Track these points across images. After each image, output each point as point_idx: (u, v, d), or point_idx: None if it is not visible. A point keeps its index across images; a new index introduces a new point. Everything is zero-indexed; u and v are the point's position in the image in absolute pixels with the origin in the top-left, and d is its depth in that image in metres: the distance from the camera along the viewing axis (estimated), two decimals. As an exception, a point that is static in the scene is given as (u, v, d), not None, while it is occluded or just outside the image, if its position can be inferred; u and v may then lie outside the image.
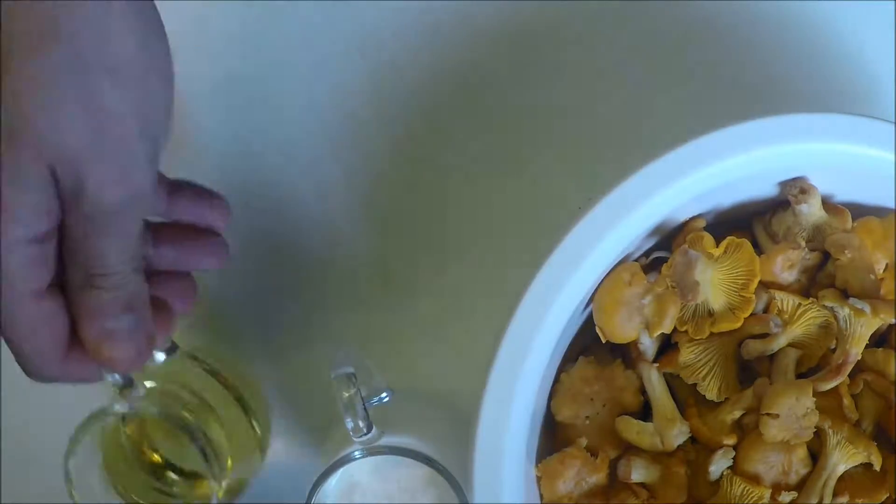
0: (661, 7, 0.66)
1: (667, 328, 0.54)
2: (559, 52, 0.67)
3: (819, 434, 0.54)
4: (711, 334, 0.55)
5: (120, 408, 0.53)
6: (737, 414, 0.55)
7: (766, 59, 0.66)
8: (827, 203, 0.57)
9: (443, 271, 0.66)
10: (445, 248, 0.66)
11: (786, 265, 0.56)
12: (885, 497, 0.54)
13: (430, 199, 0.66)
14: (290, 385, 0.66)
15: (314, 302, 0.65)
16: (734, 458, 0.55)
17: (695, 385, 0.56)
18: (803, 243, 0.56)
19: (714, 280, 0.54)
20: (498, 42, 0.65)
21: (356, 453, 0.53)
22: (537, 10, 0.65)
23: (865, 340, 0.55)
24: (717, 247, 0.55)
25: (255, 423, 0.61)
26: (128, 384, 0.54)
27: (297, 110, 0.66)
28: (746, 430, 0.55)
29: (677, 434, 0.55)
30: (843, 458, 0.54)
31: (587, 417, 0.57)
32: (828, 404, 0.55)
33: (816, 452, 0.55)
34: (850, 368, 0.55)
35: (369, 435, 0.53)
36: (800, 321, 0.55)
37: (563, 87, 0.67)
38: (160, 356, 0.56)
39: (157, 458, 0.60)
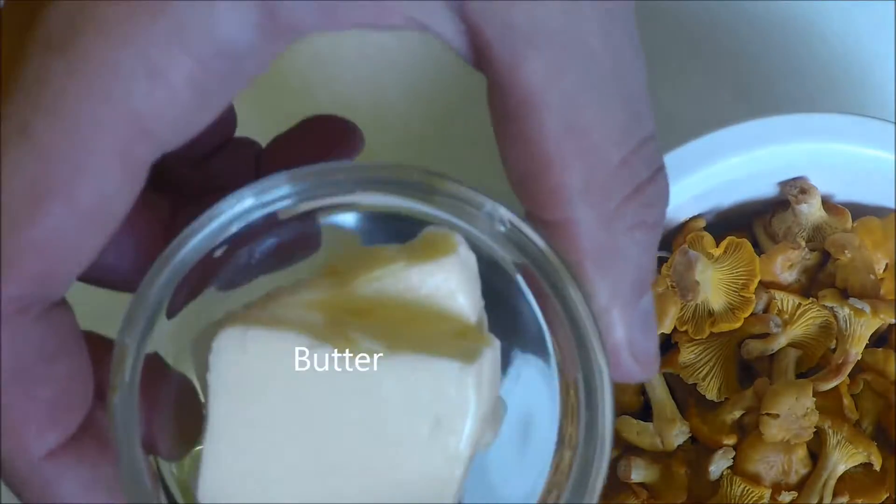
0: (662, 7, 0.66)
1: (667, 328, 0.54)
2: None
3: (819, 434, 0.54)
4: (711, 334, 0.55)
5: None
6: (737, 414, 0.55)
7: (766, 58, 0.66)
8: (827, 203, 0.57)
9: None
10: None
11: (786, 265, 0.56)
12: (885, 497, 0.54)
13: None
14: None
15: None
16: (734, 458, 0.55)
17: (695, 385, 0.56)
18: (803, 243, 0.56)
19: (714, 280, 0.54)
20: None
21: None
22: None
23: (865, 340, 0.55)
24: (717, 247, 0.55)
25: None
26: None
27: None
28: (746, 430, 0.55)
29: (677, 434, 0.55)
30: (843, 458, 0.54)
31: (587, 417, 0.57)
32: (828, 404, 0.55)
33: (816, 452, 0.55)
34: (850, 368, 0.55)
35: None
36: (800, 321, 0.55)
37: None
38: None
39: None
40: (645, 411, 0.57)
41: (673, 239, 0.57)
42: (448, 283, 0.30)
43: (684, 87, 0.65)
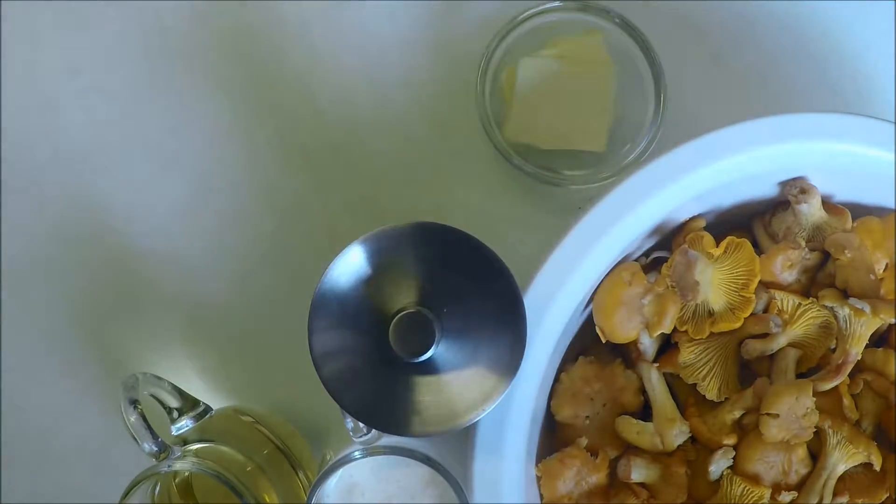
0: (662, 7, 0.66)
1: (667, 328, 0.54)
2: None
3: (819, 434, 0.54)
4: (711, 334, 0.55)
5: (168, 467, 0.53)
6: (737, 414, 0.55)
7: (766, 59, 0.66)
8: (827, 203, 0.57)
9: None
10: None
11: (786, 265, 0.56)
12: (885, 497, 0.54)
13: (427, 198, 0.66)
14: (290, 386, 0.66)
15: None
16: (734, 458, 0.55)
17: (695, 385, 0.56)
18: (803, 243, 0.56)
19: (714, 280, 0.54)
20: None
21: (356, 453, 0.53)
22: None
23: (865, 340, 0.55)
24: (717, 247, 0.55)
25: (301, 477, 0.61)
26: (162, 449, 0.54)
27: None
28: (746, 430, 0.55)
29: (677, 434, 0.55)
30: (843, 458, 0.54)
31: (587, 417, 0.57)
32: (828, 404, 0.55)
33: (816, 452, 0.55)
34: (850, 368, 0.55)
35: (369, 435, 0.53)
36: (800, 321, 0.55)
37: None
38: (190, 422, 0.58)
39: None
40: (645, 411, 0.57)
41: (673, 239, 0.57)
42: None
43: (685, 87, 0.65)
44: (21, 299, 0.66)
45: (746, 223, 0.59)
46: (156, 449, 0.54)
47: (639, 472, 0.55)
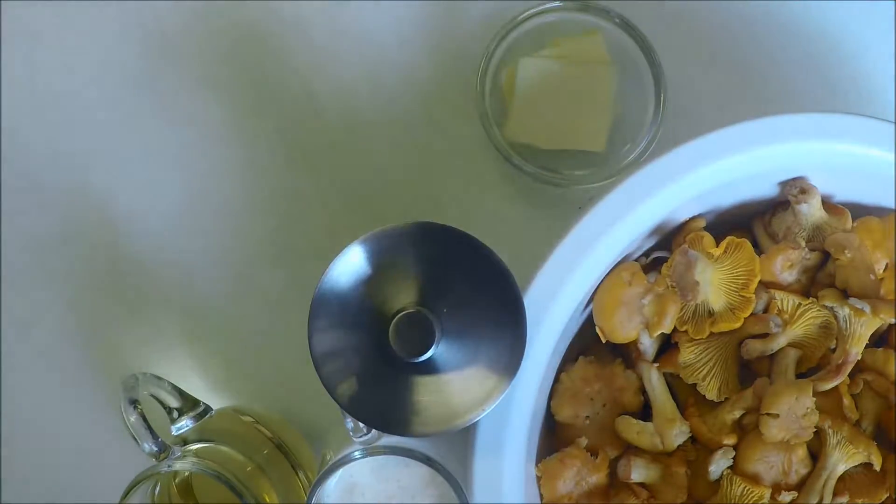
0: (662, 7, 0.66)
1: (667, 328, 0.54)
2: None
3: (819, 434, 0.54)
4: (711, 334, 0.55)
5: (168, 467, 0.53)
6: (737, 414, 0.55)
7: (766, 59, 0.66)
8: (827, 203, 0.57)
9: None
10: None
11: (786, 265, 0.56)
12: (885, 497, 0.54)
13: (427, 198, 0.66)
14: (290, 386, 0.66)
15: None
16: (734, 458, 0.55)
17: (695, 385, 0.56)
18: (803, 243, 0.56)
19: (714, 280, 0.54)
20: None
21: (356, 453, 0.53)
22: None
23: (865, 340, 0.55)
24: (717, 247, 0.55)
25: (301, 477, 0.61)
26: (162, 449, 0.54)
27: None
28: (746, 430, 0.55)
29: (677, 434, 0.55)
30: (843, 458, 0.54)
31: (587, 417, 0.57)
32: (828, 404, 0.55)
33: (816, 452, 0.55)
34: (850, 368, 0.55)
35: (369, 435, 0.53)
36: (800, 321, 0.55)
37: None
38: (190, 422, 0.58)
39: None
40: (645, 411, 0.57)
41: (673, 239, 0.57)
42: None
43: (685, 87, 0.65)
44: (21, 299, 0.66)
45: (746, 223, 0.59)
46: (156, 449, 0.54)
47: (639, 472, 0.55)
